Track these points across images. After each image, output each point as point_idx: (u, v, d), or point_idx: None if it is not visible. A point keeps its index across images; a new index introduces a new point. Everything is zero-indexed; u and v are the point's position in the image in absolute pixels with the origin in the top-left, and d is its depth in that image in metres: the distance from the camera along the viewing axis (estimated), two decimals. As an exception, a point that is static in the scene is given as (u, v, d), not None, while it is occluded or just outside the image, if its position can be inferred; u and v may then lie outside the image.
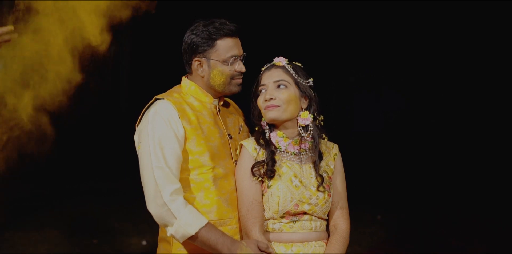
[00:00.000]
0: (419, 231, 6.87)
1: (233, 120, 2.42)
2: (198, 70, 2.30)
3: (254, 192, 2.22)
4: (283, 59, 2.31)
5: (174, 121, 2.21)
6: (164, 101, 2.25)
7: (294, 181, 2.23)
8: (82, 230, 6.65)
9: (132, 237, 6.26)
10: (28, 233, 6.42)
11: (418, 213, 7.74)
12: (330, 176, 2.30)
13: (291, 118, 2.26)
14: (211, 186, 2.23)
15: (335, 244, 2.25)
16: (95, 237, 6.39)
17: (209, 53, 2.27)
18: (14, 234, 6.25)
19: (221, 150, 2.28)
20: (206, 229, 2.13)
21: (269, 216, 2.23)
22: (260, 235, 2.19)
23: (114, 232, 6.54)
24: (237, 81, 2.32)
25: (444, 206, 8.05)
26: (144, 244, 6.04)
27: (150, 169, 2.16)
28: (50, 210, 7.48)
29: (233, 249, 2.12)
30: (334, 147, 2.37)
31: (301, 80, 2.28)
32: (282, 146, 2.26)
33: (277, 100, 2.23)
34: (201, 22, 2.30)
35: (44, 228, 6.66)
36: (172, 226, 2.13)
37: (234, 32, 2.30)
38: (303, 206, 2.22)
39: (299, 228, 2.23)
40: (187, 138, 2.22)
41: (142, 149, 2.21)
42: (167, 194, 2.13)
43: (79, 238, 6.33)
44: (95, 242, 6.26)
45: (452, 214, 7.48)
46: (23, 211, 7.41)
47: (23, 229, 6.48)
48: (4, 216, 6.50)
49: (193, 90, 2.33)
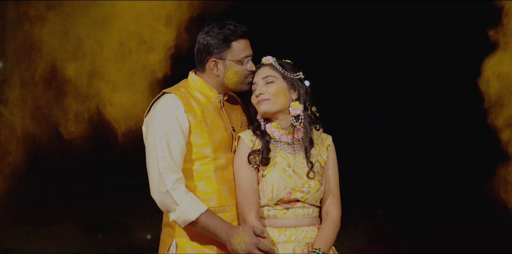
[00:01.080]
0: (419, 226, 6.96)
1: (236, 114, 2.57)
2: (213, 69, 2.45)
3: (250, 181, 2.37)
4: (270, 57, 2.49)
5: (180, 115, 2.36)
6: (172, 95, 2.39)
7: (288, 170, 2.38)
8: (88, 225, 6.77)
9: (137, 231, 6.38)
10: (35, 228, 6.55)
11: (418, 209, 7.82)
12: (322, 166, 2.45)
13: (282, 109, 2.42)
14: (212, 175, 2.38)
15: (326, 229, 2.40)
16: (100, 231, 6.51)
17: (225, 54, 2.43)
18: (22, 229, 6.38)
19: (223, 142, 2.43)
20: (205, 215, 2.27)
21: (264, 203, 2.38)
22: (256, 221, 2.33)
23: (119, 227, 6.66)
24: (249, 80, 2.48)
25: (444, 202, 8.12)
26: (149, 238, 6.18)
27: (155, 159, 2.31)
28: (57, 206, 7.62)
29: (230, 233, 2.26)
30: (327, 138, 2.52)
31: (288, 74, 2.44)
32: (276, 136, 2.41)
33: (266, 94, 2.40)
34: (214, 24, 2.45)
35: (50, 224, 6.80)
36: (174, 212, 2.28)
37: (247, 33, 2.46)
38: (296, 194, 2.37)
39: (292, 215, 2.38)
40: (191, 132, 2.37)
41: (148, 140, 2.36)
42: (170, 183, 2.27)
43: (85, 233, 6.46)
44: (100, 236, 6.39)
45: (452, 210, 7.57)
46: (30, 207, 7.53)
47: (30, 225, 6.62)
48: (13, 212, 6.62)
49: (200, 85, 2.48)
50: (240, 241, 2.25)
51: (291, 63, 2.51)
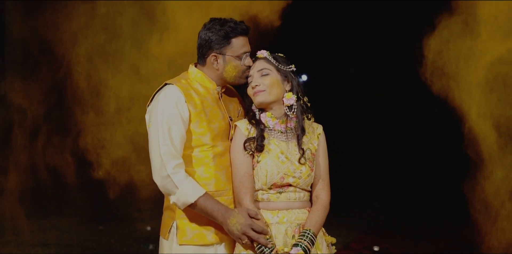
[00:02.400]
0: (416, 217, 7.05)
1: (234, 105, 2.72)
2: (213, 63, 2.60)
3: (246, 167, 2.53)
4: (264, 51, 2.65)
5: (181, 104, 2.50)
6: (173, 86, 2.54)
7: (281, 156, 2.53)
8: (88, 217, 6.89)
9: (137, 223, 6.50)
10: (37, 221, 6.66)
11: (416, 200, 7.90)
12: (313, 153, 2.60)
13: (277, 99, 2.58)
14: (211, 161, 2.54)
15: (316, 211, 2.56)
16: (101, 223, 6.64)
17: (225, 49, 2.58)
18: (23, 222, 6.44)
19: (221, 131, 2.58)
20: (203, 198, 2.43)
21: (259, 187, 2.54)
22: (251, 203, 2.49)
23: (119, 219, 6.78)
24: (246, 74, 2.63)
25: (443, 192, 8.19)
26: (149, 230, 6.31)
27: (157, 145, 2.46)
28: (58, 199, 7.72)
29: (226, 215, 2.42)
30: (318, 127, 2.68)
31: (282, 66, 2.60)
32: (270, 125, 2.57)
33: (262, 85, 2.56)
34: (216, 21, 2.60)
35: (52, 216, 6.92)
36: (174, 195, 2.44)
37: (246, 31, 2.62)
38: (288, 178, 2.52)
39: (285, 198, 2.54)
40: (191, 120, 2.52)
41: (151, 128, 2.51)
42: (170, 168, 2.43)
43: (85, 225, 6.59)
44: (100, 228, 6.52)
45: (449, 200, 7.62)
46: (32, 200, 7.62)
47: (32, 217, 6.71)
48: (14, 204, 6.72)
49: (199, 77, 2.63)
50: (236, 222, 2.40)
51: (284, 57, 2.66)
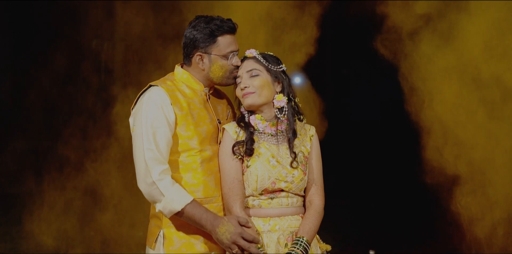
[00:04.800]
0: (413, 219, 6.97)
1: (222, 107, 2.62)
2: (199, 63, 2.49)
3: (235, 172, 2.42)
4: (253, 50, 2.53)
5: (166, 107, 2.40)
6: (158, 88, 2.43)
7: (272, 160, 2.42)
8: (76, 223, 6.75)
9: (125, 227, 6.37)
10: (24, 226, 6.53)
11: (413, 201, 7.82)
12: (306, 156, 2.49)
13: (267, 102, 2.47)
14: (198, 167, 2.43)
15: (309, 218, 2.44)
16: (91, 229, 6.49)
17: (210, 48, 2.47)
18: (12, 228, 6.35)
19: (209, 134, 2.47)
20: (191, 205, 2.32)
21: (249, 193, 2.43)
22: (241, 211, 2.38)
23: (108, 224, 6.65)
24: (234, 75, 2.52)
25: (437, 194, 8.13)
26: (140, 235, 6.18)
27: (142, 150, 2.35)
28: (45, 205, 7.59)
29: (215, 224, 2.31)
30: (311, 129, 2.57)
31: (272, 67, 2.49)
32: (260, 127, 2.46)
33: (251, 87, 2.44)
34: (201, 19, 2.49)
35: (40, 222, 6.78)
36: (160, 203, 2.32)
37: (233, 29, 2.51)
38: (280, 183, 2.41)
39: (277, 204, 2.43)
40: (177, 124, 2.41)
41: (135, 132, 2.40)
42: (156, 174, 2.32)
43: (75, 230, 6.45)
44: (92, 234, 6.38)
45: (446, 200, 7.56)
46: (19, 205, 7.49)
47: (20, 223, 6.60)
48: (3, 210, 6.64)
49: (186, 78, 2.52)
50: (225, 231, 2.29)
51: (274, 56, 2.55)
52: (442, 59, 3.76)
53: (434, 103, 3.81)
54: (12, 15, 8.18)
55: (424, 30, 3.83)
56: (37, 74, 6.94)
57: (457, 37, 3.72)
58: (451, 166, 3.79)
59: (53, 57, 6.52)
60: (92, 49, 6.86)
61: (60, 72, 6.70)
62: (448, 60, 3.75)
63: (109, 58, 6.78)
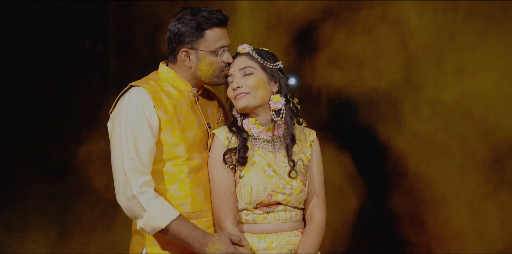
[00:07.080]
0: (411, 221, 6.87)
1: (213, 109, 2.40)
2: (185, 61, 2.26)
3: (226, 183, 2.19)
4: (246, 45, 2.30)
5: (149, 110, 2.17)
6: (139, 89, 2.20)
7: (267, 170, 2.20)
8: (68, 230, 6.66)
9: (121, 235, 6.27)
10: (13, 234, 6.43)
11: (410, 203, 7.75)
12: (306, 164, 2.27)
13: (262, 103, 2.24)
14: (186, 177, 2.21)
15: (310, 234, 2.23)
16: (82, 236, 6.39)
17: (197, 43, 2.23)
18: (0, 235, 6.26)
19: (197, 140, 2.25)
20: (177, 222, 2.09)
21: (242, 207, 2.21)
22: (233, 227, 2.16)
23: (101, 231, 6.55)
24: (225, 73, 2.29)
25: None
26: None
27: (121, 159, 2.12)
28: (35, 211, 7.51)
29: (204, 242, 2.08)
30: (311, 133, 2.35)
31: (268, 64, 2.26)
32: (254, 133, 2.24)
33: (245, 87, 2.21)
34: (187, 10, 2.25)
35: (30, 229, 6.67)
36: (142, 219, 2.10)
37: (223, 21, 2.26)
38: (276, 196, 2.19)
39: (273, 219, 2.21)
40: (161, 129, 2.19)
41: (114, 138, 2.17)
42: (136, 186, 2.09)
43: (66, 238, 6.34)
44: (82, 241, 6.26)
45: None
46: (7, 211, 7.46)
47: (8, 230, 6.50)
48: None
49: (171, 77, 2.29)
50: (215, 250, 2.07)
51: (270, 52, 2.32)
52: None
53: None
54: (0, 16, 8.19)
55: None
56: (29, 76, 6.92)
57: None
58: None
59: (45, 60, 6.51)
60: (86, 51, 6.83)
61: (53, 74, 6.68)
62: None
63: (104, 60, 6.76)
